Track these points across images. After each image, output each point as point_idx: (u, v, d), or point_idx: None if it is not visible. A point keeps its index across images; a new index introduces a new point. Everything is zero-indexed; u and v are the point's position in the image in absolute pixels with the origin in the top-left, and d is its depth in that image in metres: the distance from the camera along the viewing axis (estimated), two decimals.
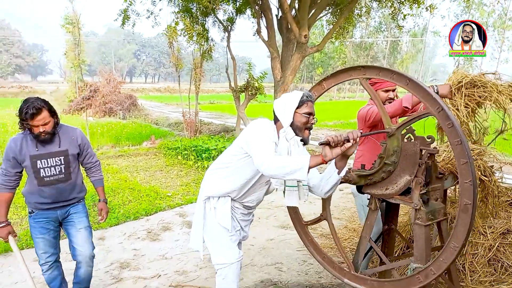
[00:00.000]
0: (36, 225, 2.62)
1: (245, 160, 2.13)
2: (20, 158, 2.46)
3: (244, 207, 2.35)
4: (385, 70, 1.91)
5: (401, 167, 1.90)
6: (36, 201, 2.56)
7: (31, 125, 2.37)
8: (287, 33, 7.44)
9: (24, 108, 2.33)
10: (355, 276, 2.15)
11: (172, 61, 10.99)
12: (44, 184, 2.53)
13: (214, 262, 2.32)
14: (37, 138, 2.44)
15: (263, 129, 2.04)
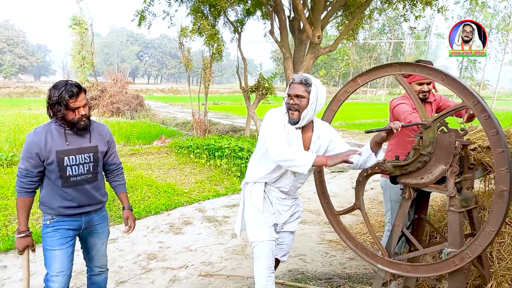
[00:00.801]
0: (55, 234, 2.19)
1: (262, 146, 2.37)
2: (45, 154, 2.08)
3: (280, 192, 2.46)
4: (421, 66, 2.04)
5: (436, 158, 2.03)
6: (60, 205, 2.18)
7: (72, 108, 2.04)
8: (299, 34, 7.58)
9: (63, 88, 2.02)
10: (389, 261, 2.27)
11: (183, 62, 11.13)
12: (70, 185, 2.17)
13: (248, 240, 2.51)
14: (74, 126, 2.12)
15: (272, 117, 2.25)
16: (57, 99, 2.02)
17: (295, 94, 2.17)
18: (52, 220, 2.21)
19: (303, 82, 2.16)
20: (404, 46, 37.42)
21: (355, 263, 3.50)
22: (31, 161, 2.09)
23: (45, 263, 2.21)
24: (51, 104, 2.06)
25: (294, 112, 2.19)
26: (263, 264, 2.43)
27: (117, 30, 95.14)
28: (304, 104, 2.16)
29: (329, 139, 2.31)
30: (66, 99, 2.02)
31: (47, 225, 2.21)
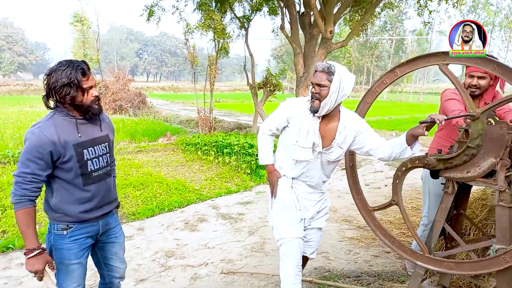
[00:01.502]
0: (73, 246, 1.91)
1: (282, 135, 2.39)
2: (60, 151, 1.78)
3: (308, 186, 2.42)
4: (486, 59, 1.95)
5: (485, 150, 1.95)
6: (80, 210, 1.89)
7: (84, 88, 1.80)
8: (309, 29, 7.48)
9: (69, 67, 1.75)
10: (429, 258, 2.19)
11: (188, 59, 11.03)
12: (92, 181, 1.92)
13: (275, 238, 2.47)
14: (87, 111, 1.86)
15: (283, 105, 2.34)
16: (67, 80, 1.73)
17: (317, 82, 2.13)
18: (69, 229, 1.89)
19: (326, 70, 2.10)
20: (406, 44, 37.33)
21: (381, 261, 3.42)
22: (40, 162, 1.74)
23: (58, 278, 1.92)
24: (55, 89, 1.75)
25: (315, 101, 2.15)
26: (291, 262, 2.39)
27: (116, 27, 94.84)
28: (324, 93, 2.10)
29: (356, 130, 2.26)
30: (78, 78, 1.75)
31: (63, 236, 1.89)
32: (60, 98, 1.78)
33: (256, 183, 6.41)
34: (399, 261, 3.40)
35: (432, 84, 55.97)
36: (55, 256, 1.91)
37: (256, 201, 5.46)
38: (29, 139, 1.74)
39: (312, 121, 2.20)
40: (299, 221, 2.42)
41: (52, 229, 1.91)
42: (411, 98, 36.40)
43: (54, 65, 1.81)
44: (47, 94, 1.80)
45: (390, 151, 2.13)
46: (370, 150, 2.24)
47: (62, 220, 1.88)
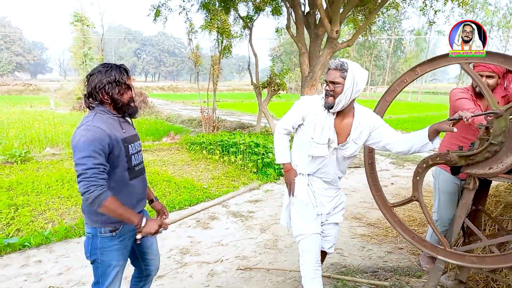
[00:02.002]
0: (121, 246, 1.96)
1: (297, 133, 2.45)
2: (114, 145, 1.85)
3: (323, 182, 2.46)
4: (491, 53, 2.01)
5: (508, 147, 2.00)
6: (128, 205, 1.91)
7: (126, 88, 1.91)
8: (315, 28, 7.53)
9: (114, 69, 1.87)
10: (450, 252, 2.25)
11: (191, 58, 11.07)
12: (135, 175, 2.00)
13: (293, 235, 2.53)
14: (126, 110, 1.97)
15: (298, 103, 2.39)
16: (114, 79, 1.84)
17: (331, 80, 2.18)
18: (116, 230, 1.92)
19: (339, 68, 2.15)
20: (404, 43, 37.49)
21: (395, 257, 3.48)
22: (103, 154, 1.78)
23: (102, 281, 1.95)
24: (99, 88, 1.84)
25: (329, 97, 2.20)
26: (310, 258, 2.44)
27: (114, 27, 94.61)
28: (339, 90, 2.15)
29: (371, 126, 2.29)
30: (123, 78, 1.88)
31: (112, 237, 1.92)
32: (103, 97, 1.87)
33: (264, 182, 6.45)
34: (413, 256, 3.46)
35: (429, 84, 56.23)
36: (104, 260, 1.93)
37: (265, 200, 5.51)
38: (84, 135, 1.76)
39: (327, 118, 2.25)
40: (316, 217, 2.47)
41: (97, 233, 1.91)
42: (410, 97, 36.59)
43: (96, 67, 1.91)
44: (89, 94, 1.88)
45: (410, 145, 2.16)
46: (387, 144, 2.27)
47: (111, 221, 1.89)
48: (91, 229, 1.93)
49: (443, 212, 2.86)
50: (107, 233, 1.91)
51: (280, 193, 5.80)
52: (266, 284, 3.07)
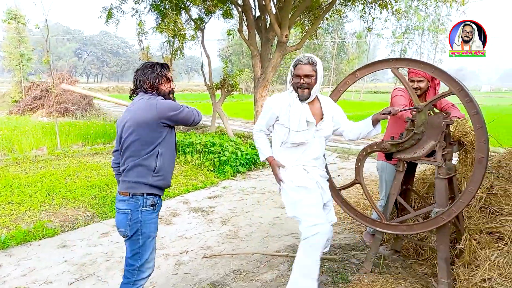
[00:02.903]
0: (157, 219, 2.27)
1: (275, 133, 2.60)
2: None
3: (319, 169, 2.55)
4: (414, 61, 2.49)
5: (427, 135, 2.49)
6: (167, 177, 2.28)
7: (166, 80, 2.28)
8: (265, 32, 7.95)
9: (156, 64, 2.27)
10: (386, 224, 2.71)
11: (142, 60, 11.01)
12: (177, 152, 2.48)
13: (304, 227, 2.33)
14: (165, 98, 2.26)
15: (267, 103, 2.57)
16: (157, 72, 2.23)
17: (305, 74, 2.37)
18: (155, 205, 2.22)
19: (310, 62, 2.37)
20: (347, 46, 39.61)
21: (342, 236, 3.95)
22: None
23: (142, 252, 2.19)
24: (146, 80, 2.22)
25: (304, 90, 2.39)
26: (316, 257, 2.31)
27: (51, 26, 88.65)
28: (313, 82, 2.38)
29: (332, 109, 2.55)
30: (164, 71, 2.26)
31: (152, 211, 2.21)
32: (148, 85, 2.22)
33: (221, 179, 6.72)
34: (357, 235, 3.95)
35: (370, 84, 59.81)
36: (145, 232, 2.18)
37: (224, 195, 5.79)
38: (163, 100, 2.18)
39: (302, 107, 2.43)
40: (322, 204, 2.45)
41: (138, 208, 2.16)
42: (353, 96, 38.71)
43: (142, 64, 2.33)
44: (138, 84, 2.25)
45: (358, 132, 2.50)
46: (343, 131, 2.57)
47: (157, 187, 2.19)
48: (131, 205, 2.15)
49: None
50: (148, 207, 2.18)
51: (237, 189, 6.12)
52: (231, 267, 3.37)
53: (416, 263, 3.11)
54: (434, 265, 2.95)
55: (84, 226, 4.54)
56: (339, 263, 3.18)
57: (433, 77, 3.13)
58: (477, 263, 2.52)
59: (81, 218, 4.75)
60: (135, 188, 2.14)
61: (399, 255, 3.22)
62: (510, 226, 2.59)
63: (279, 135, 2.53)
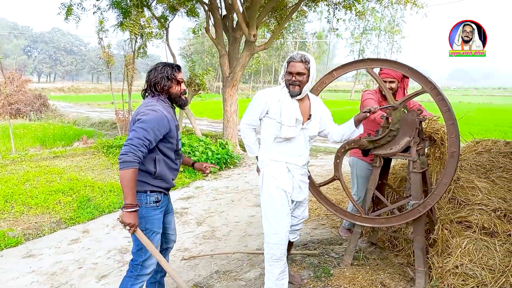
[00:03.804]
0: (160, 216, 2.32)
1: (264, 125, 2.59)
2: (170, 127, 2.21)
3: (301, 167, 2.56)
4: (388, 61, 2.61)
5: (403, 132, 2.61)
6: (172, 177, 2.35)
7: (179, 81, 2.29)
8: (233, 32, 7.93)
9: (167, 65, 2.27)
10: (365, 218, 2.82)
11: (103, 58, 10.61)
12: (179, 157, 2.40)
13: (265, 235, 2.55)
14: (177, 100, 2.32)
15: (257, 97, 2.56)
16: (167, 74, 2.23)
17: (297, 71, 2.38)
18: (159, 201, 2.25)
19: (303, 60, 2.39)
20: (308, 45, 40.43)
21: (319, 231, 4.05)
22: (158, 133, 2.11)
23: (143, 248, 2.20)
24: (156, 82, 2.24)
25: (296, 87, 2.41)
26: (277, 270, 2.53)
27: None
28: (305, 80, 2.40)
29: (321, 110, 2.60)
30: (175, 74, 2.26)
31: (156, 208, 2.25)
32: (159, 88, 2.25)
33: (193, 179, 6.64)
34: (333, 230, 4.07)
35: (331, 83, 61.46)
36: (148, 227, 2.23)
37: (197, 196, 5.73)
38: (150, 114, 2.11)
39: (292, 103, 2.44)
40: (288, 211, 2.52)
41: (144, 203, 2.21)
42: None
43: (154, 65, 2.32)
44: (148, 86, 2.28)
45: (342, 133, 2.57)
46: (328, 133, 2.63)
47: (159, 187, 2.25)
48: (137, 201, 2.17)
49: (360, 192, 3.46)
50: (152, 203, 2.23)
51: (210, 189, 6.07)
52: (212, 268, 3.35)
53: (392, 254, 3.26)
54: (409, 255, 3.12)
55: (51, 233, 4.32)
56: (319, 258, 3.26)
57: (402, 78, 3.29)
58: (449, 251, 2.69)
59: (46, 225, 4.51)
60: (138, 186, 2.17)
61: (376, 247, 3.36)
62: (477, 215, 2.79)
63: (269, 131, 2.53)
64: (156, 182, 2.24)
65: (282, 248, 2.51)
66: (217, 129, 13.43)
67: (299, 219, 2.73)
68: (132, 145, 2.02)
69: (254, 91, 44.66)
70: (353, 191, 3.54)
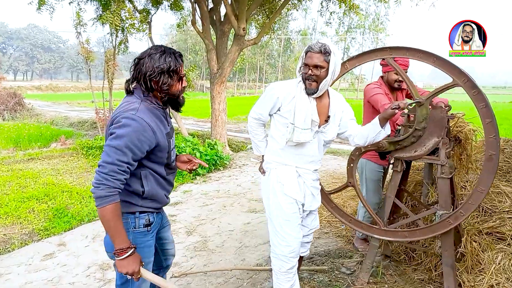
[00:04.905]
0: (152, 241, 1.83)
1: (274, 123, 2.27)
2: (158, 139, 1.67)
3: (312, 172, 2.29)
4: (412, 49, 2.26)
5: (429, 131, 2.27)
6: (162, 199, 1.83)
7: (180, 77, 1.72)
8: (220, 25, 7.49)
9: (169, 54, 1.66)
10: (385, 230, 2.47)
11: (82, 54, 10.01)
12: (172, 171, 1.88)
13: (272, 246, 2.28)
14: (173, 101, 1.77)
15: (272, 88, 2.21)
16: (166, 67, 1.63)
17: (314, 64, 2.03)
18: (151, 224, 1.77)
19: (322, 51, 2.03)
20: (293, 43, 40.21)
21: (323, 241, 3.69)
22: (137, 152, 1.59)
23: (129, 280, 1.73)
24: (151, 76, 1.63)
25: (312, 83, 2.06)
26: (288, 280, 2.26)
27: None
28: (323, 75, 2.04)
29: (342, 110, 2.24)
30: (178, 66, 1.68)
31: (146, 233, 1.76)
32: (155, 85, 1.67)
33: (180, 183, 6.20)
34: (339, 239, 3.71)
35: None
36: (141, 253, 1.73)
37: (185, 201, 5.30)
38: (130, 125, 1.57)
39: (308, 102, 2.11)
40: (300, 221, 2.26)
41: (131, 227, 1.73)
42: None
43: (147, 50, 1.69)
44: (137, 79, 1.67)
45: (365, 136, 2.19)
46: (349, 135, 2.26)
47: (149, 208, 1.76)
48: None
49: (371, 197, 3.12)
50: (141, 227, 1.75)
51: (199, 193, 5.65)
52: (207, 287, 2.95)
53: (410, 268, 2.92)
54: (430, 269, 2.79)
55: (21, 247, 3.84)
56: (329, 275, 2.89)
57: None
58: (480, 267, 2.37)
59: (17, 238, 4.02)
60: (124, 207, 1.69)
61: (390, 261, 3.03)
62: (510, 225, 2.48)
63: (279, 130, 2.21)
64: (146, 202, 1.75)
65: (294, 261, 2.23)
66: (204, 128, 12.96)
67: (309, 229, 2.42)
68: (103, 174, 1.53)
69: (239, 89, 44.17)
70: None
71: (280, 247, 2.21)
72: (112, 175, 1.53)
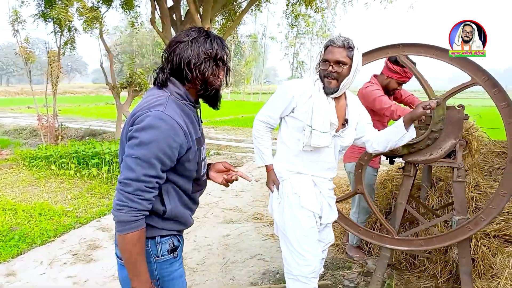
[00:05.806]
0: (181, 270, 1.47)
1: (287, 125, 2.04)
2: (189, 144, 1.32)
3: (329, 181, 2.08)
4: (427, 46, 2.13)
5: (446, 133, 2.15)
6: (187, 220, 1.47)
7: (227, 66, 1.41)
8: (181, 25, 7.07)
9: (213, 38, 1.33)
10: (398, 239, 2.31)
11: (20, 54, 9.02)
12: (200, 188, 1.51)
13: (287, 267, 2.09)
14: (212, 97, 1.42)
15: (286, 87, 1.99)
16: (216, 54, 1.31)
17: (336, 60, 1.83)
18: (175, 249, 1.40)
19: (345, 45, 1.83)
20: (244, 47, 40.16)
21: None
22: (167, 161, 1.25)
23: None
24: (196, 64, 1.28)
25: (331, 81, 1.86)
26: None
27: None
28: (345, 72, 1.84)
29: (359, 113, 2.06)
30: (227, 54, 1.37)
31: (173, 260, 1.40)
32: (199, 76, 1.30)
33: None
34: (330, 248, 3.52)
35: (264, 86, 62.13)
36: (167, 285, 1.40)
37: None
38: (157, 127, 1.21)
39: (327, 103, 1.90)
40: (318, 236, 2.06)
41: (153, 257, 1.36)
42: (252, 98, 39.46)
43: (185, 31, 1.34)
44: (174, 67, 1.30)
45: (387, 140, 2.01)
46: (367, 141, 2.08)
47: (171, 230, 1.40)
48: None
49: (365, 203, 2.96)
50: (166, 254, 1.38)
51: None
52: None
53: (413, 276, 2.80)
54: (434, 276, 2.68)
55: None
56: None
57: None
58: (493, 272, 2.30)
59: None
60: None
61: (391, 269, 2.88)
62: None
63: (293, 135, 1.98)
64: (167, 224, 1.39)
65: (315, 282, 2.01)
66: None
67: (325, 243, 2.20)
68: (126, 193, 1.21)
69: None
70: (353, 207, 3.01)
71: (299, 268, 1.96)
72: (138, 194, 1.21)
